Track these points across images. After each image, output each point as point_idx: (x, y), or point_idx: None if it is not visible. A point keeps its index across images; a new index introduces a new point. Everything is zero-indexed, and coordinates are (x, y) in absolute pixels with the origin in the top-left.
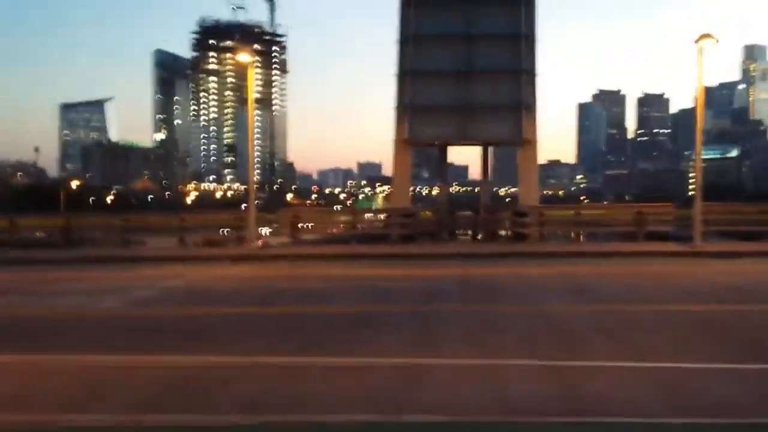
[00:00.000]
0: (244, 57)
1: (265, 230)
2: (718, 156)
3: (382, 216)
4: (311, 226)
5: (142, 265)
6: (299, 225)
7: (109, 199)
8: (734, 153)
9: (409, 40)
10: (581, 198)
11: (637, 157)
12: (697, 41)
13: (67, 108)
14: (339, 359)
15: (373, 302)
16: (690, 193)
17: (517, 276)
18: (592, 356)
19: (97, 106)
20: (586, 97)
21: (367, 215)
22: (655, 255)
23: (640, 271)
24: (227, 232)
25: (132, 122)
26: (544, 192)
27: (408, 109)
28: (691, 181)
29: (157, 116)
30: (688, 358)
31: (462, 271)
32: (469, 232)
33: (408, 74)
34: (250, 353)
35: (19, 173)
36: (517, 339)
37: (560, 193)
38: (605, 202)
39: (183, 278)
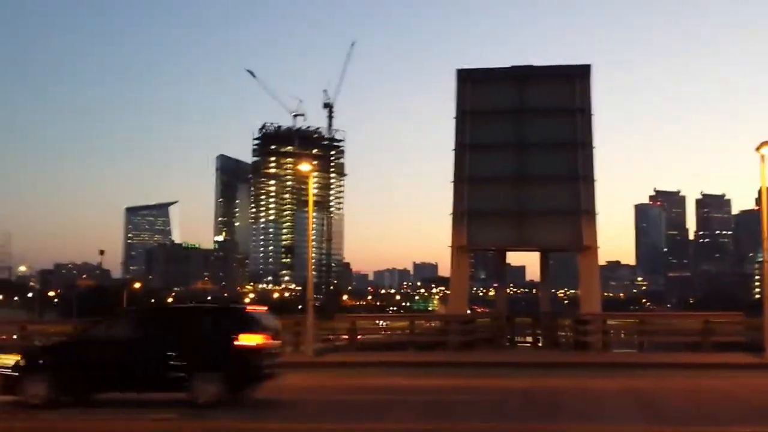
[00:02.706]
0: (304, 166)
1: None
2: None
3: (440, 322)
4: (369, 331)
5: None
6: (356, 331)
7: (169, 300)
8: None
9: (465, 148)
10: (643, 301)
11: (699, 258)
12: (757, 149)
13: (131, 211)
14: None
15: (429, 418)
16: (756, 296)
17: (581, 389)
18: None
19: (161, 209)
20: (643, 198)
21: (425, 322)
22: (723, 367)
23: (709, 385)
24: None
25: (194, 224)
26: (605, 293)
27: (465, 215)
28: (756, 283)
29: (219, 219)
30: None
31: (523, 382)
32: (529, 339)
33: (465, 181)
34: None
35: (84, 275)
36: None
37: (621, 295)
38: (668, 306)
39: None
